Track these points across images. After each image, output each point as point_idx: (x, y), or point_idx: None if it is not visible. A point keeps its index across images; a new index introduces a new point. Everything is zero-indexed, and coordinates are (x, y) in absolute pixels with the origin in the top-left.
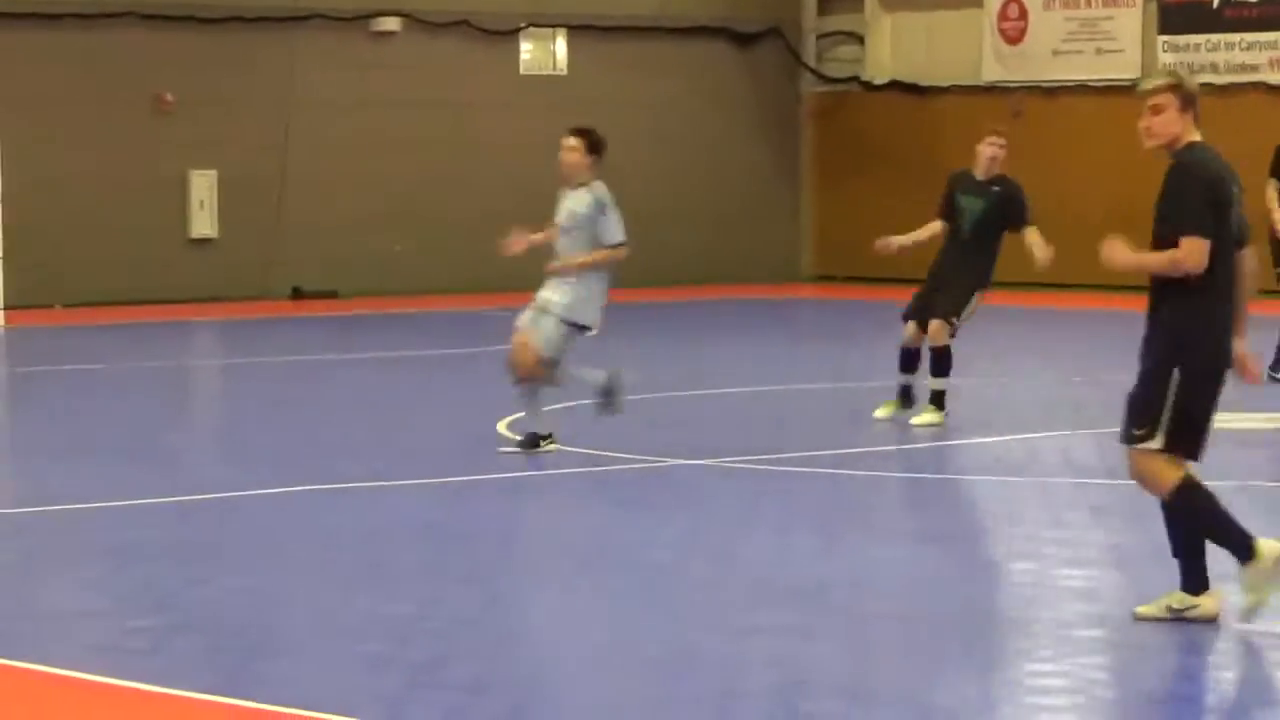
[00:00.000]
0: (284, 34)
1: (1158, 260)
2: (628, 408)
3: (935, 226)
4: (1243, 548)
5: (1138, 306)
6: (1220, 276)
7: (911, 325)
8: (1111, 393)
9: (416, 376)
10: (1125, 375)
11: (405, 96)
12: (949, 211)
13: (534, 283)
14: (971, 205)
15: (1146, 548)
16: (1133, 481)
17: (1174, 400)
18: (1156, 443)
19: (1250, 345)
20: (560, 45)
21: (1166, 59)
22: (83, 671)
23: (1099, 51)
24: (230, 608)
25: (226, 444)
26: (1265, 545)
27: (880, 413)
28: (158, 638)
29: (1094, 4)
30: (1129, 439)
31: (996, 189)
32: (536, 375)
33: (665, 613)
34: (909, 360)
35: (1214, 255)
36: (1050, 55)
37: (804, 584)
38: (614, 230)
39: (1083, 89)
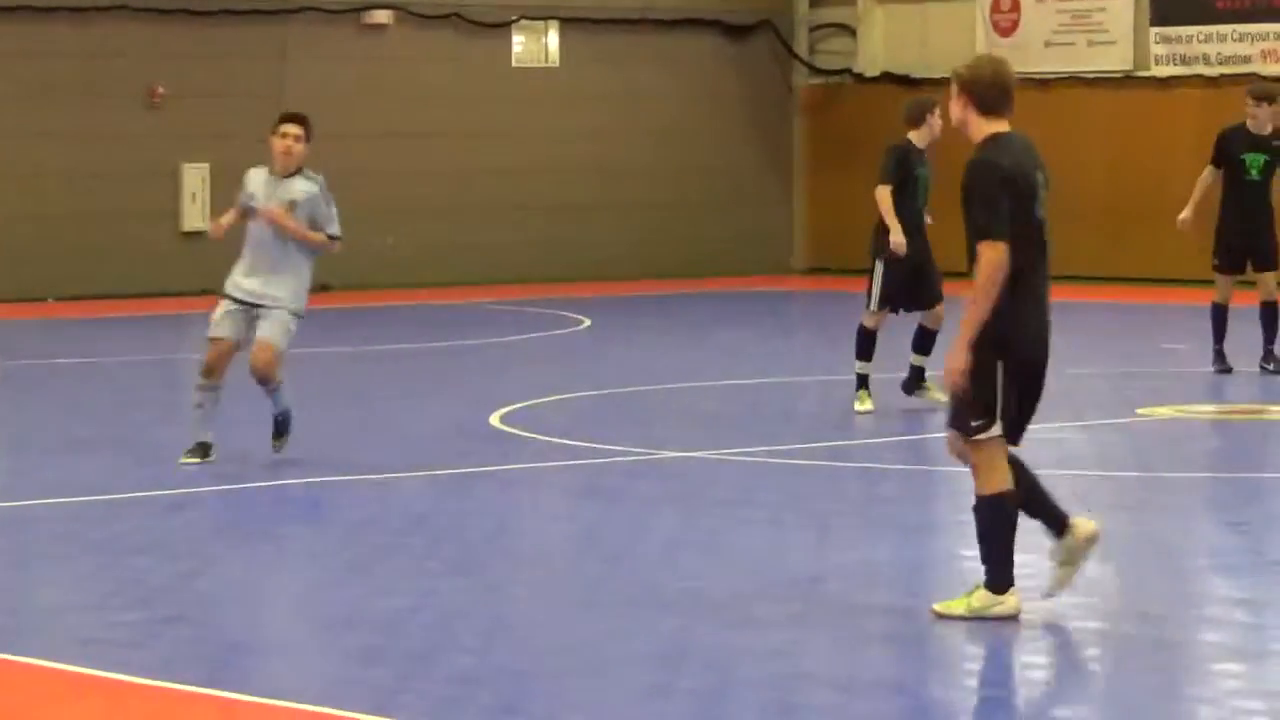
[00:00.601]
0: (275, 26)
1: (979, 309)
2: (620, 399)
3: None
4: (1002, 579)
5: (1126, 298)
6: (1024, 273)
7: (886, 311)
8: (1102, 384)
9: (408, 370)
10: (1115, 366)
11: (397, 89)
12: (908, 183)
13: (520, 274)
14: (926, 177)
15: (1137, 539)
16: (958, 461)
17: (1004, 389)
18: (998, 428)
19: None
20: (552, 38)
21: (1158, 50)
22: (70, 664)
23: (1091, 43)
24: (219, 601)
25: (217, 437)
26: (1016, 595)
27: (862, 406)
28: (146, 631)
29: None
30: (972, 431)
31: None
32: (272, 375)
33: (658, 605)
34: (873, 347)
35: (1017, 252)
36: (1042, 47)
37: (798, 576)
38: (335, 222)
39: (1075, 81)
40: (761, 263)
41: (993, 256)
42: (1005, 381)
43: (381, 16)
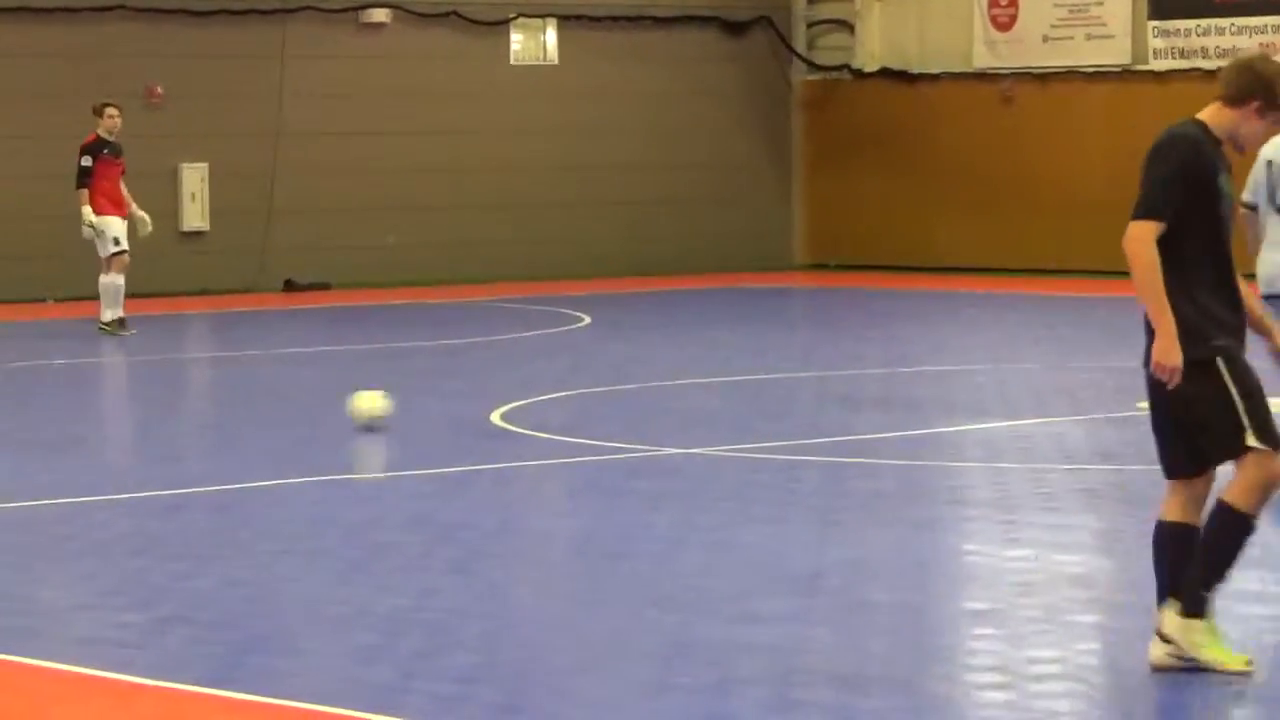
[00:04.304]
0: (274, 26)
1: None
2: (620, 396)
3: None
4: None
5: (1126, 292)
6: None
7: None
8: (1104, 378)
9: (408, 368)
10: (1117, 360)
11: (396, 88)
12: None
13: (520, 272)
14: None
15: (1137, 533)
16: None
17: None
18: None
19: None
20: (550, 35)
21: (1157, 44)
22: (73, 664)
23: (1089, 37)
24: (221, 601)
25: (218, 437)
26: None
27: None
28: (148, 631)
29: None
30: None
31: None
32: None
33: (660, 602)
34: None
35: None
36: (1040, 41)
37: (798, 572)
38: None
39: (1073, 74)
40: (761, 259)
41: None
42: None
43: (380, 15)
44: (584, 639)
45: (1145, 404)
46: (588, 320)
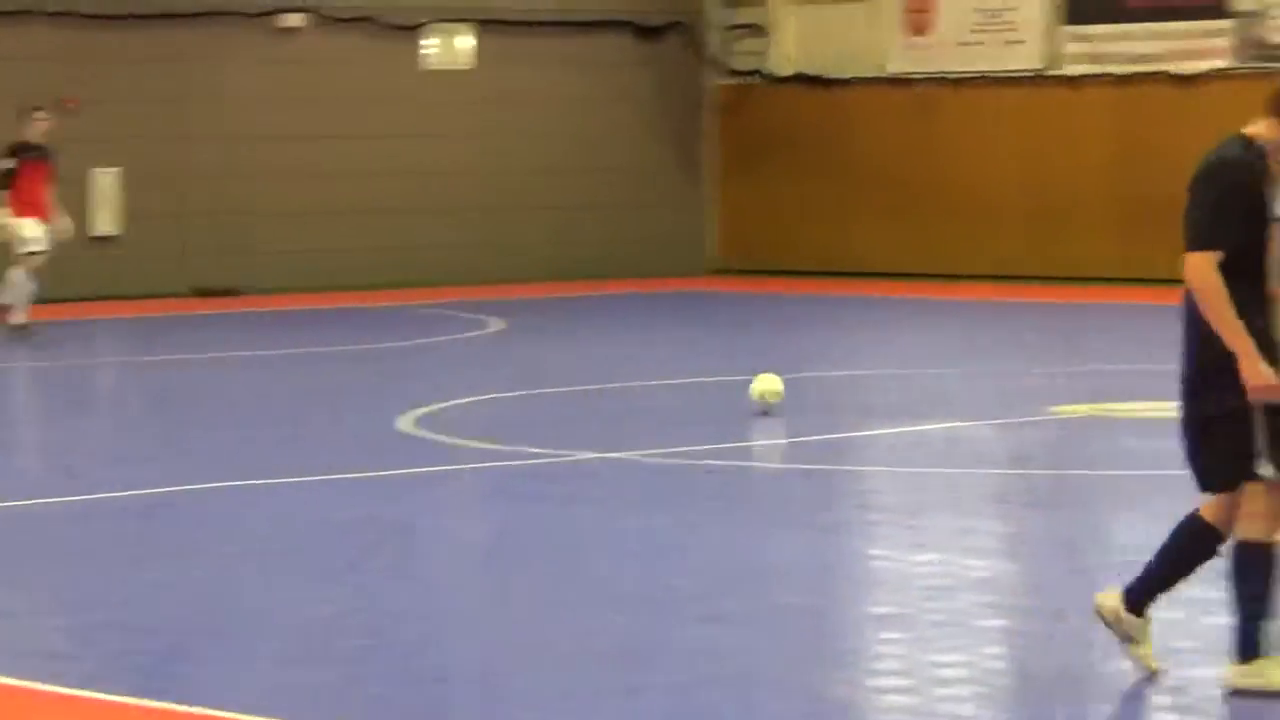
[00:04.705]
0: (189, 30)
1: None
2: (534, 401)
3: None
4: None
5: (1039, 297)
6: None
7: None
8: (1017, 382)
9: (327, 372)
10: (1028, 365)
11: (310, 92)
12: None
13: (432, 276)
14: None
15: (1045, 537)
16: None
17: None
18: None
19: None
20: (465, 40)
21: (1070, 49)
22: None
23: (1005, 43)
24: (150, 607)
25: (138, 443)
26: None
27: None
28: (77, 638)
29: None
30: None
31: None
32: None
33: (567, 605)
34: None
35: None
36: (956, 46)
37: (704, 576)
38: None
39: (986, 80)
40: (674, 264)
41: None
42: None
43: (294, 20)
44: (498, 642)
45: (1058, 408)
46: (502, 325)
